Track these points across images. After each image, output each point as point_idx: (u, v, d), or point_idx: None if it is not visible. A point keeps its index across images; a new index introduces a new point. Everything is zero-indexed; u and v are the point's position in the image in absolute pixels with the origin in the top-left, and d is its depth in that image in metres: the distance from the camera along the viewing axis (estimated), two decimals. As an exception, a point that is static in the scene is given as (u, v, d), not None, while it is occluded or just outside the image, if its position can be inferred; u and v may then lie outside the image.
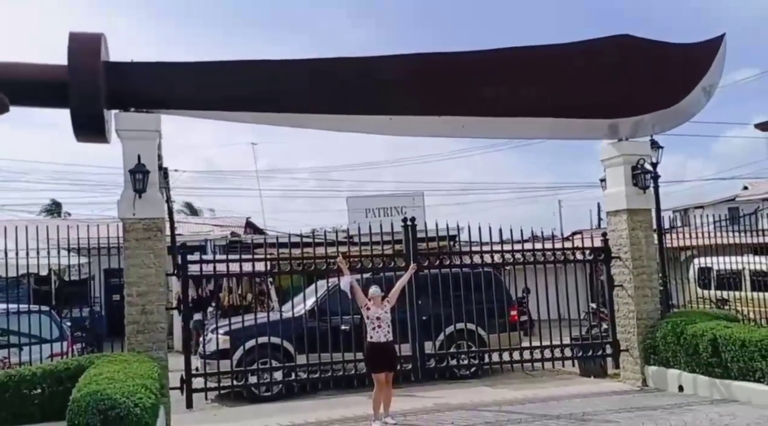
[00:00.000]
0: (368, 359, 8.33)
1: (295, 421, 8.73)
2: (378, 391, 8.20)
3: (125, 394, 5.65)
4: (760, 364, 8.32)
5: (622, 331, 10.52)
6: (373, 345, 8.18)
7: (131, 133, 8.36)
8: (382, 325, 8.17)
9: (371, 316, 8.19)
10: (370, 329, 8.20)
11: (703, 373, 9.12)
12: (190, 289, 18.53)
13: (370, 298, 8.28)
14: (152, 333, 8.28)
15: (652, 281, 10.43)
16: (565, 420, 8.02)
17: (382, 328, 8.16)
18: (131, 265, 8.29)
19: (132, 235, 8.31)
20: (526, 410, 8.71)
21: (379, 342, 8.15)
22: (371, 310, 8.20)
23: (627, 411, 8.38)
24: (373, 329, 8.17)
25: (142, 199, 8.24)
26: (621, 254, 10.49)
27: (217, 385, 9.42)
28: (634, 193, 10.32)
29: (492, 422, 8.11)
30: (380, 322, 8.16)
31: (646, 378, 10.08)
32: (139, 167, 8.17)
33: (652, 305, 10.34)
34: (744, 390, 8.54)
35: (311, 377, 9.81)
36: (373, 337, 8.17)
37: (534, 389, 10.25)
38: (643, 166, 10.32)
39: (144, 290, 8.29)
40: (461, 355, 10.78)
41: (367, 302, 8.25)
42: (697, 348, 9.13)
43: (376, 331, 8.16)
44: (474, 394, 10.10)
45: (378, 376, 8.17)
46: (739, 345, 8.55)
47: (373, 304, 8.24)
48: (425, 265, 10.15)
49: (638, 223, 10.39)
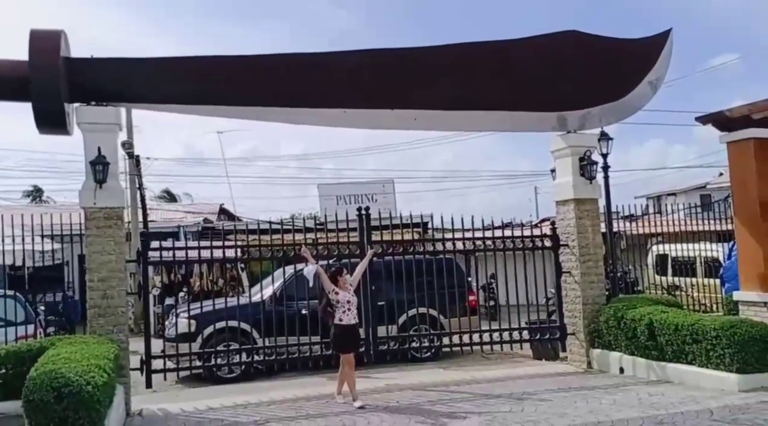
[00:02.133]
0: (337, 341, 8.70)
1: (250, 400, 9.11)
2: (345, 370, 8.64)
3: (79, 373, 6.02)
4: (692, 347, 8.82)
5: (569, 315, 11.00)
6: (344, 327, 8.56)
7: (91, 126, 8.67)
8: (352, 308, 8.60)
9: (341, 300, 8.52)
10: (340, 313, 8.52)
11: (642, 355, 9.61)
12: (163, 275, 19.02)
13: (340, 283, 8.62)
14: (113, 316, 8.63)
15: (599, 268, 10.90)
16: (505, 399, 8.48)
17: (351, 311, 8.58)
18: (92, 252, 8.62)
19: (93, 223, 8.64)
20: (470, 390, 9.17)
21: (349, 324, 8.57)
22: (341, 295, 8.53)
23: (565, 391, 8.85)
24: (343, 312, 8.52)
25: (102, 189, 8.56)
26: (569, 242, 10.95)
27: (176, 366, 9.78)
28: (582, 183, 10.76)
29: (434, 401, 8.55)
30: (350, 305, 8.57)
31: (590, 360, 10.57)
32: (100, 159, 8.48)
33: (598, 291, 10.82)
34: (677, 371, 9.04)
35: (268, 359, 10.28)
36: (343, 320, 8.53)
37: (484, 371, 10.71)
38: (590, 157, 10.75)
39: (105, 276, 8.63)
40: (415, 338, 11.25)
41: (334, 287, 8.57)
42: (635, 332, 9.62)
43: (346, 314, 8.53)
44: (426, 375, 10.54)
45: (347, 357, 8.62)
46: (673, 329, 9.05)
47: (342, 289, 8.59)
48: (379, 253, 10.58)
49: (585, 212, 10.84)
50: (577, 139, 10.76)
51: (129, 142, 20.55)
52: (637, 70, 10.59)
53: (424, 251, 11.34)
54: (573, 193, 10.74)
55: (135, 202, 21.33)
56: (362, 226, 10.47)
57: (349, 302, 8.58)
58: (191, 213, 23.98)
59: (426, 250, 11.56)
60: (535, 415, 7.52)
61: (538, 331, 11.37)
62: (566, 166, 10.90)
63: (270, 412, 8.36)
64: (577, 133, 10.80)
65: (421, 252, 11.29)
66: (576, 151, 10.76)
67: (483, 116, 10.21)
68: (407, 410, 8.02)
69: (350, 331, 8.65)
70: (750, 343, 8.30)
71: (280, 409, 8.54)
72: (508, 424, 7.19)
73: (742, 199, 10.29)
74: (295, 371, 10.83)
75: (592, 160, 10.77)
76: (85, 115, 8.66)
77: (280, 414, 8.24)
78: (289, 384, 10.32)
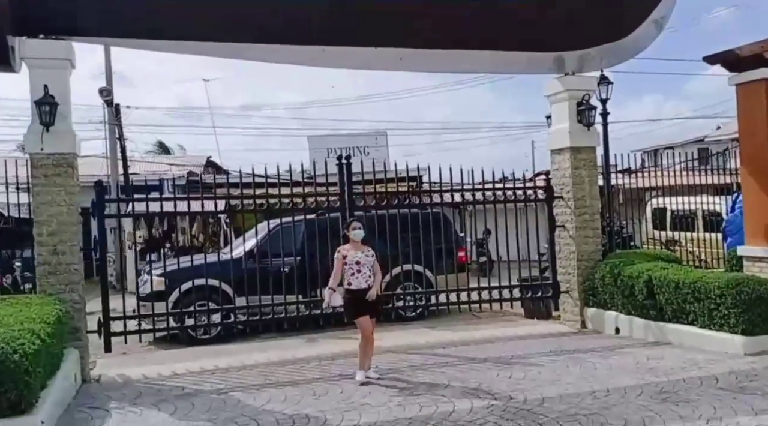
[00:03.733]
0: (349, 306, 7.43)
1: (220, 364, 8.48)
2: (364, 339, 7.35)
3: (5, 340, 5.34)
4: (693, 306, 8.17)
5: (563, 272, 10.32)
6: (354, 292, 7.30)
7: (38, 62, 7.79)
8: (363, 269, 7.30)
9: (350, 262, 7.29)
10: (348, 275, 7.30)
11: (639, 315, 8.97)
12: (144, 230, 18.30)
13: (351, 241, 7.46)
14: (65, 275, 7.91)
15: (595, 222, 10.17)
16: (491, 363, 7.84)
17: (362, 272, 7.29)
18: (40, 203, 7.85)
19: (41, 171, 7.84)
20: (456, 353, 8.52)
21: (360, 288, 7.25)
22: (349, 256, 7.33)
23: (556, 354, 8.21)
24: (352, 275, 7.28)
25: (50, 133, 7.73)
26: (564, 194, 10.20)
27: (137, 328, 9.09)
28: (579, 130, 9.95)
29: (416, 366, 7.91)
30: (360, 266, 7.29)
31: (585, 320, 9.94)
32: (46, 98, 7.62)
33: (594, 246, 10.11)
34: (677, 332, 8.40)
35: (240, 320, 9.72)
36: (353, 284, 7.28)
37: (473, 331, 10.08)
38: (588, 101, 9.92)
39: (55, 230, 7.87)
40: (401, 297, 10.62)
41: (339, 252, 7.40)
42: (633, 289, 8.95)
43: (355, 277, 7.27)
44: (412, 336, 9.91)
45: (362, 322, 7.29)
46: (674, 287, 8.37)
47: (351, 248, 7.41)
48: (361, 206, 9.85)
49: (582, 161, 10.06)
50: (575, 82, 9.92)
51: (107, 89, 19.56)
52: (641, 8, 9.68)
53: (409, 204, 10.48)
54: (569, 141, 9.94)
55: (114, 154, 20.45)
56: (342, 176, 9.68)
57: (359, 263, 7.28)
58: (176, 165, 23.09)
59: (413, 203, 10.72)
60: (524, 382, 6.87)
61: (529, 288, 10.71)
62: (563, 112, 10.08)
63: (237, 379, 7.71)
64: (576, 75, 9.95)
65: (408, 205, 10.43)
66: (573, 95, 9.93)
67: (470, 56, 9.32)
68: (385, 377, 7.35)
69: (362, 295, 7.26)
70: (757, 303, 7.65)
71: (250, 375, 7.90)
72: (494, 392, 6.53)
73: (750, 146, 9.51)
74: (275, 332, 10.21)
75: (591, 105, 9.94)
76: (30, 49, 7.76)
77: (248, 381, 7.59)
78: (266, 346, 9.71)
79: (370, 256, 7.43)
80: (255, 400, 6.71)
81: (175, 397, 6.96)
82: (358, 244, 7.43)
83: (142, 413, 6.44)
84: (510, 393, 6.48)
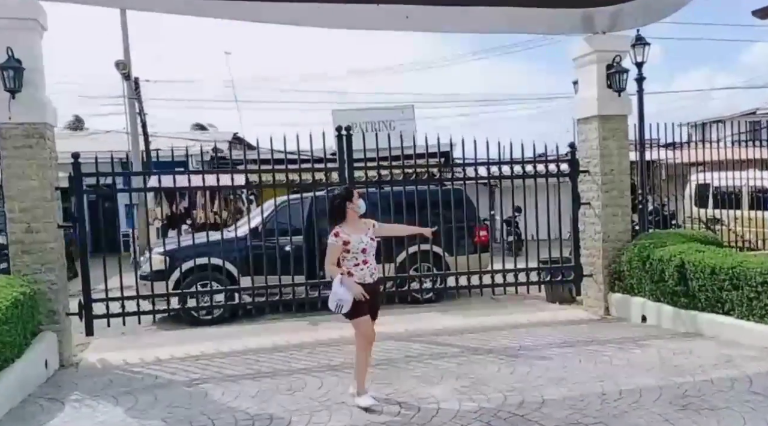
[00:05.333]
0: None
1: (207, 350, 7.89)
2: (362, 349, 5.68)
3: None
4: (731, 294, 7.20)
5: (587, 254, 9.38)
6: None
7: (1, 23, 7.16)
8: (369, 259, 5.59)
9: (354, 248, 5.50)
10: (351, 265, 5.53)
11: (668, 302, 8.03)
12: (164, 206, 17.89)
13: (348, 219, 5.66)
14: (40, 254, 7.35)
15: (624, 199, 9.17)
16: (495, 355, 7.02)
17: (369, 263, 5.58)
18: (10, 177, 7.27)
19: (10, 143, 7.24)
20: (460, 342, 7.72)
21: (364, 283, 5.49)
22: (352, 241, 5.50)
23: (570, 345, 7.34)
24: (356, 265, 5.52)
25: (17, 101, 7.13)
26: (590, 168, 9.22)
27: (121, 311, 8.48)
28: (608, 96, 8.92)
29: (413, 356, 7.14)
30: (366, 255, 5.56)
31: (609, 306, 9.01)
32: (10, 62, 7.02)
33: (622, 226, 9.13)
34: (711, 323, 7.45)
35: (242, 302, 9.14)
36: (356, 276, 5.49)
37: (487, 316, 9.26)
38: (620, 63, 8.87)
39: (28, 206, 7.30)
40: (415, 279, 9.87)
41: (338, 237, 5.52)
42: (662, 274, 8.01)
43: (360, 268, 5.52)
44: (420, 321, 9.16)
45: (364, 323, 5.59)
46: (709, 272, 7.41)
47: (352, 231, 5.57)
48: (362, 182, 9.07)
49: (611, 131, 9.05)
50: (604, 42, 8.86)
51: (123, 62, 19.16)
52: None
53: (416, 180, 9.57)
54: (597, 109, 8.94)
55: (135, 129, 20.04)
56: (341, 148, 8.88)
57: (365, 251, 5.56)
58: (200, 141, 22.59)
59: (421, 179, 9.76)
60: (526, 380, 6.05)
61: (549, 271, 9.81)
62: (590, 76, 9.05)
63: (218, 367, 7.08)
64: (606, 35, 8.90)
65: (413, 182, 9.55)
66: (603, 58, 8.88)
67: (485, 13, 8.37)
68: (374, 369, 6.58)
69: (368, 291, 5.48)
70: (805, 292, 6.65)
71: (233, 363, 7.26)
72: (488, 393, 5.72)
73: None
74: (281, 313, 9.63)
75: (622, 68, 8.86)
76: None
77: (228, 370, 6.96)
78: (264, 329, 9.16)
79: (374, 237, 5.73)
80: (224, 394, 6.06)
81: (142, 389, 6.36)
82: (357, 222, 5.71)
83: (97, 408, 5.83)
84: (507, 393, 5.67)
